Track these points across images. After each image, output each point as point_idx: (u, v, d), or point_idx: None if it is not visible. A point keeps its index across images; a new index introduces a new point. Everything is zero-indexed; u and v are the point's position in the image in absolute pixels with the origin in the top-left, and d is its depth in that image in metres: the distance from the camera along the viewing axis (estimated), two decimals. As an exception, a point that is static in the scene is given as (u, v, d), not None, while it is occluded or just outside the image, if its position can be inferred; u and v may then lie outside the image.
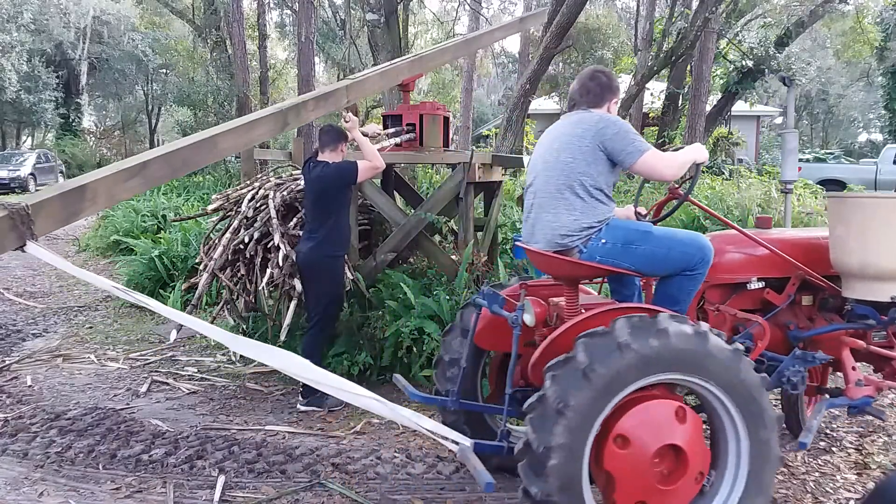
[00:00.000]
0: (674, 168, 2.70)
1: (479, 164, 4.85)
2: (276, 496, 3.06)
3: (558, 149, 2.70)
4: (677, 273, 2.70)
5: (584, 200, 2.64)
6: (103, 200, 2.45)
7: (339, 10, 18.93)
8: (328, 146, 4.15)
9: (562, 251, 2.68)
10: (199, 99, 14.98)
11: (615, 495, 2.30)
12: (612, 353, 2.23)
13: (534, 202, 2.80)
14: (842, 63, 27.54)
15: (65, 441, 3.61)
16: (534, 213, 2.80)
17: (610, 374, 2.22)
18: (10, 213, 2.07)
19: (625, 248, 2.63)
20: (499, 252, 5.64)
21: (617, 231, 2.66)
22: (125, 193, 2.54)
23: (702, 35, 12.05)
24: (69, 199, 2.30)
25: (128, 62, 32.80)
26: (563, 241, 2.66)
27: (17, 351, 5.37)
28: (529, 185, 2.86)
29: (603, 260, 2.63)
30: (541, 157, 2.81)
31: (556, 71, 20.25)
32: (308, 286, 4.21)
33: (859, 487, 3.17)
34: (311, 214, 4.16)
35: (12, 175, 20.86)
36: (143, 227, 9.42)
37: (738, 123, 21.06)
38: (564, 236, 2.66)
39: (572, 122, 2.73)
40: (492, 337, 2.95)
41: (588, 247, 2.64)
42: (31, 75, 27.22)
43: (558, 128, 2.81)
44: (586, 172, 2.63)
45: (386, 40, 10.82)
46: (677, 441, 2.30)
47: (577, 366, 2.24)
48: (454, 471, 3.33)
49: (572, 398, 2.20)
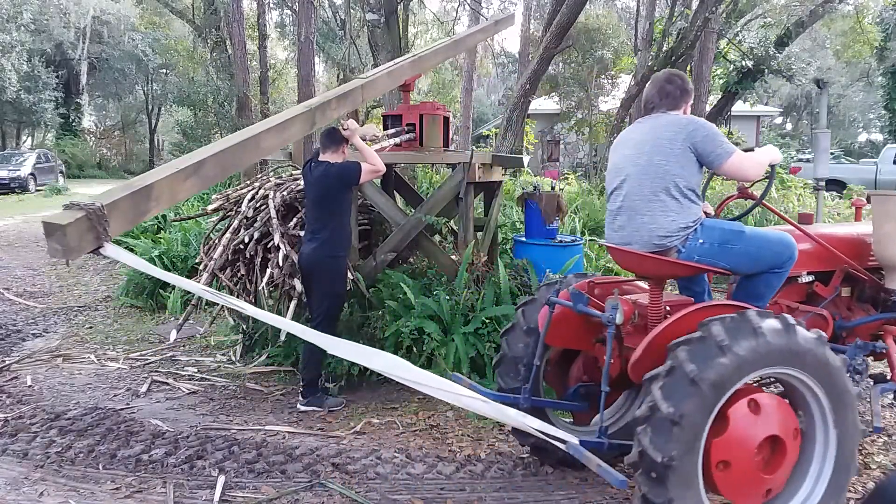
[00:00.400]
0: (757, 169, 2.79)
1: (479, 164, 4.85)
2: (276, 496, 3.06)
3: (649, 152, 2.77)
4: (765, 271, 2.82)
5: (679, 202, 2.73)
6: (166, 200, 2.43)
7: (339, 10, 18.92)
8: (330, 147, 4.15)
9: (660, 252, 2.75)
10: (199, 99, 14.95)
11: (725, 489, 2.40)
12: (715, 356, 2.31)
13: (623, 204, 2.86)
14: (842, 63, 27.53)
15: (65, 441, 3.61)
16: (624, 216, 2.86)
17: (716, 377, 2.30)
18: (88, 213, 2.03)
19: (721, 247, 2.73)
20: (499, 252, 5.64)
21: (713, 231, 2.75)
22: (184, 194, 2.51)
23: (702, 35, 12.05)
24: (138, 199, 2.27)
25: (128, 62, 32.81)
26: (661, 242, 2.74)
27: (17, 351, 5.37)
28: (616, 188, 2.92)
29: (701, 259, 2.74)
30: (627, 159, 2.86)
31: (556, 71, 20.22)
32: (311, 286, 4.21)
33: (859, 487, 3.17)
34: (313, 215, 4.16)
35: (12, 175, 20.85)
36: (143, 227, 9.40)
37: (738, 123, 21.06)
38: (663, 237, 2.74)
39: (661, 125, 2.80)
40: (563, 334, 3.03)
41: (686, 247, 2.74)
42: (31, 75, 27.23)
43: (643, 131, 2.87)
44: (679, 174, 2.72)
45: (386, 40, 10.82)
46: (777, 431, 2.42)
47: (683, 374, 2.31)
48: (454, 471, 3.33)
49: (684, 406, 2.27)
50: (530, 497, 3.10)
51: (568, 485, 3.20)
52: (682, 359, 2.33)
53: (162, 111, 36.63)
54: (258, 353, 4.96)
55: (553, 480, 3.25)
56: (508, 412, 2.31)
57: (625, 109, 14.28)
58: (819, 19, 15.20)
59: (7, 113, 28.48)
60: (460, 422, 3.92)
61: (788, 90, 32.47)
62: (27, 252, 10.42)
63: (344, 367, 4.41)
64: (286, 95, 24.16)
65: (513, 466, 3.37)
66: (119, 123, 38.90)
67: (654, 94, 2.90)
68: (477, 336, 4.35)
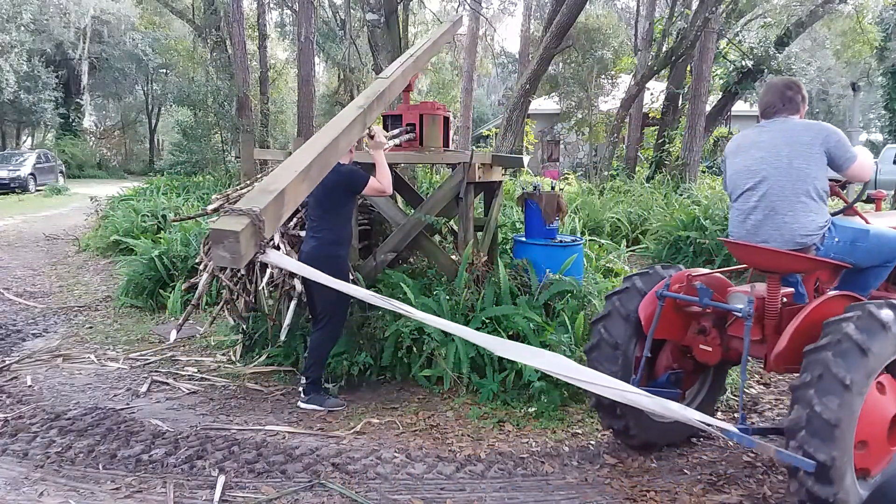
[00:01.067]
0: (871, 171, 3.08)
1: (479, 164, 4.85)
2: (276, 496, 3.06)
3: (789, 155, 2.99)
4: (878, 264, 3.11)
5: (817, 202, 2.98)
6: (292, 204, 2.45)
7: (339, 10, 18.92)
8: None
9: (800, 249, 2.98)
10: (199, 99, 14.93)
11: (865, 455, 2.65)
12: (880, 332, 2.56)
13: (759, 204, 3.07)
14: (842, 63, 27.51)
15: (65, 441, 3.61)
16: (760, 215, 3.07)
17: (879, 349, 2.55)
18: (252, 219, 2.04)
19: (852, 245, 3.01)
20: (499, 252, 5.65)
21: (845, 231, 3.02)
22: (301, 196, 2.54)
23: (702, 35, 12.04)
24: (278, 203, 2.28)
25: (128, 62, 32.83)
26: (802, 241, 2.97)
27: (17, 351, 5.37)
28: (749, 189, 3.11)
29: (836, 256, 3.00)
30: (763, 161, 3.07)
31: (556, 71, 20.23)
32: (314, 286, 4.17)
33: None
34: (316, 213, 4.14)
35: (12, 175, 20.85)
36: (143, 227, 9.41)
37: (738, 123, 21.07)
38: (805, 236, 2.97)
39: (795, 130, 3.03)
40: (666, 326, 3.25)
41: (824, 244, 2.99)
42: (31, 75, 27.23)
43: (773, 134, 3.08)
44: (817, 177, 2.97)
45: (386, 40, 10.81)
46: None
47: (853, 344, 2.53)
48: (454, 471, 3.33)
49: (854, 372, 2.49)
50: (530, 497, 3.10)
51: (568, 485, 3.20)
52: (851, 330, 2.54)
53: (162, 111, 36.65)
54: (258, 353, 4.96)
55: (553, 480, 3.25)
56: (671, 406, 2.44)
57: (625, 109, 14.29)
58: (819, 19, 15.19)
59: (7, 113, 28.48)
60: (460, 422, 3.93)
61: (788, 90, 32.33)
62: (27, 252, 10.43)
63: (344, 367, 4.41)
64: (286, 95, 24.15)
65: (513, 466, 3.37)
66: (119, 123, 38.92)
67: (775, 99, 3.12)
68: (477, 336, 4.34)
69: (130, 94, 36.89)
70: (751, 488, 3.16)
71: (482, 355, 4.30)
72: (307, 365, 4.20)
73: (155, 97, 35.99)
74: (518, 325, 4.31)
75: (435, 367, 4.39)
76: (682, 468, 3.38)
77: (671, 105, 15.94)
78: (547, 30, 10.42)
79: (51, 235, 12.01)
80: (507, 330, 4.34)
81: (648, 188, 12.29)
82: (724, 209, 8.77)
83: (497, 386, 4.20)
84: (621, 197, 11.55)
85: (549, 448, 3.59)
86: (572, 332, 4.40)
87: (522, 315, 4.35)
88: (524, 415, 3.99)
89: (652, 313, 3.19)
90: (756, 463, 3.43)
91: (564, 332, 4.32)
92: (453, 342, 4.30)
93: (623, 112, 14.30)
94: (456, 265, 4.85)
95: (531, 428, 3.84)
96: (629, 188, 12.61)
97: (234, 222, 2.01)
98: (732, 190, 3.25)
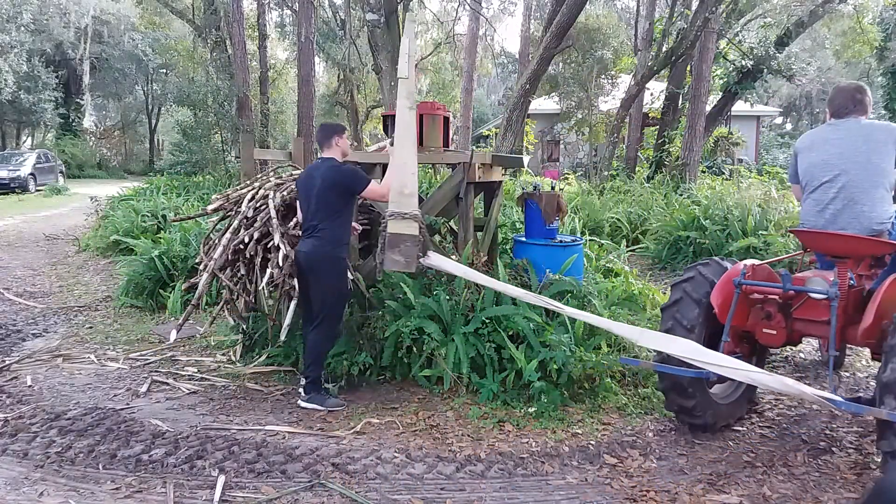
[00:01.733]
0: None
1: (479, 164, 4.85)
2: (276, 496, 3.06)
3: (867, 151, 3.39)
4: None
5: (889, 194, 3.42)
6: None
7: (339, 10, 18.92)
8: (325, 142, 4.17)
9: (875, 235, 3.40)
10: (199, 99, 14.93)
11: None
12: None
13: (838, 195, 3.45)
14: (842, 63, 27.50)
15: (65, 441, 3.61)
16: (839, 204, 3.45)
17: None
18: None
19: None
20: (499, 252, 5.65)
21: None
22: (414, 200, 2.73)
23: (702, 35, 12.04)
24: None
25: (128, 62, 32.85)
26: (878, 228, 3.41)
27: (17, 351, 5.37)
28: (828, 182, 3.48)
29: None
30: (842, 156, 3.45)
31: (556, 71, 20.21)
32: (312, 285, 4.17)
33: (859, 487, 3.17)
34: (317, 213, 4.10)
35: (12, 175, 20.85)
36: (143, 227, 9.41)
37: (738, 123, 21.07)
38: (881, 223, 3.40)
39: (871, 129, 3.45)
40: (737, 313, 3.51)
41: (894, 230, 3.46)
42: (31, 75, 27.23)
43: (848, 132, 3.48)
44: (890, 171, 3.40)
45: (386, 40, 10.82)
46: None
47: None
48: (454, 471, 3.33)
49: None
50: (530, 497, 3.10)
51: (568, 485, 3.20)
52: None
53: (162, 111, 36.65)
54: (258, 353, 4.96)
55: (553, 480, 3.25)
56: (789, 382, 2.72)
57: (625, 109, 14.28)
58: (819, 19, 15.19)
59: (7, 113, 28.49)
60: (460, 422, 3.93)
61: (788, 90, 32.45)
62: (27, 252, 10.43)
63: (344, 367, 4.41)
64: (286, 95, 24.14)
65: (513, 466, 3.37)
66: (119, 123, 38.92)
67: (847, 102, 3.52)
68: (477, 336, 4.34)
69: (130, 94, 36.91)
70: (751, 488, 3.16)
71: (482, 355, 4.30)
72: (306, 364, 4.20)
73: (155, 97, 36.00)
74: (518, 325, 4.31)
75: (435, 367, 4.39)
76: (682, 468, 3.38)
77: (671, 105, 15.93)
78: (547, 30, 10.42)
79: (51, 235, 12.02)
80: (506, 330, 4.34)
81: (648, 188, 12.29)
82: (724, 209, 8.77)
83: (497, 386, 4.20)
84: (621, 197, 11.55)
85: (549, 448, 3.59)
86: (572, 332, 4.40)
87: (522, 315, 4.35)
88: (524, 415, 3.99)
89: (726, 301, 3.47)
90: (756, 463, 3.43)
91: (564, 332, 4.31)
92: (453, 342, 4.30)
93: (623, 112, 14.29)
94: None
95: (531, 428, 3.84)
96: (629, 188, 12.61)
97: (406, 226, 2.08)
98: (808, 182, 3.59)
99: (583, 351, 4.26)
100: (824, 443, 3.69)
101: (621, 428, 3.87)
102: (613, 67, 19.68)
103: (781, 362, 5.11)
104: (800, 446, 3.64)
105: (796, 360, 5.18)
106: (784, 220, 8.19)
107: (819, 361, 5.09)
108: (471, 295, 4.61)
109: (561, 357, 4.05)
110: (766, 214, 8.46)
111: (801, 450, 3.59)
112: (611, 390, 4.26)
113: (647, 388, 4.39)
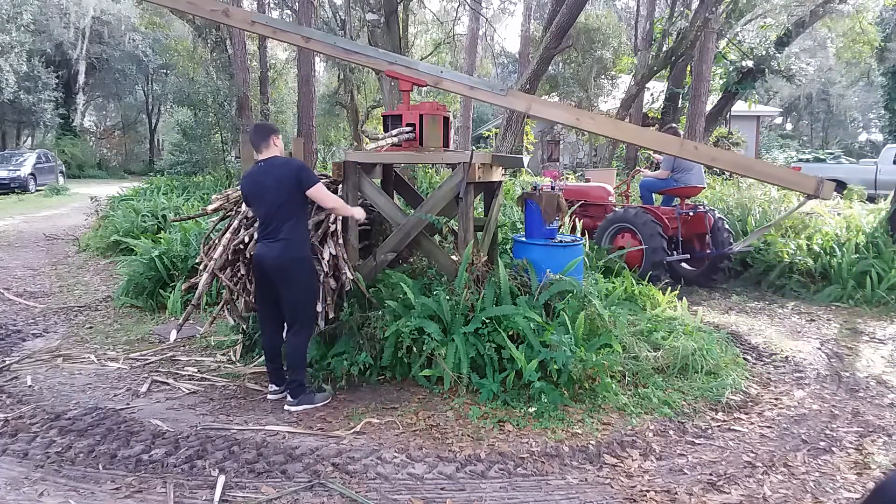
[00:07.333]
0: None
1: (479, 164, 4.85)
2: (276, 496, 3.06)
3: None
4: None
5: None
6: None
7: (339, 10, 18.91)
8: (263, 142, 4.07)
9: None
10: (199, 99, 14.94)
11: None
12: None
13: None
14: (842, 63, 27.50)
15: (65, 441, 3.61)
16: None
17: None
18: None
19: None
20: (499, 252, 5.64)
21: None
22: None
23: (702, 35, 12.05)
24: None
25: (128, 62, 32.87)
26: None
27: (17, 351, 5.37)
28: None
29: None
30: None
31: (556, 71, 20.23)
32: (283, 289, 4.06)
33: (859, 487, 3.17)
34: (273, 212, 3.99)
35: (12, 175, 20.87)
36: (143, 227, 9.42)
37: (738, 123, 21.07)
38: None
39: None
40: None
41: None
42: (31, 75, 27.24)
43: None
44: None
45: (386, 40, 10.82)
46: None
47: None
48: (455, 471, 3.33)
49: None
50: (530, 497, 3.10)
51: (568, 485, 3.20)
52: None
53: (162, 111, 36.66)
54: (258, 353, 4.96)
55: (553, 480, 3.25)
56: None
57: (625, 109, 14.29)
58: (819, 19, 15.19)
59: (7, 113, 28.50)
60: (460, 422, 3.93)
61: (788, 90, 32.43)
62: (27, 252, 10.43)
63: (344, 367, 4.41)
64: (286, 95, 24.13)
65: (513, 466, 3.37)
66: (119, 123, 38.94)
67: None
68: (477, 336, 4.34)
69: (131, 94, 36.92)
70: (751, 488, 3.16)
71: (482, 355, 4.30)
72: (291, 368, 4.16)
73: (155, 97, 36.03)
74: (518, 325, 4.31)
75: (435, 367, 4.39)
76: (682, 468, 3.38)
77: (671, 105, 15.94)
78: (547, 30, 10.42)
79: (51, 235, 12.02)
80: (506, 330, 4.34)
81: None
82: (724, 209, 8.77)
83: (497, 386, 4.20)
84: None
85: (549, 448, 3.59)
86: (572, 332, 4.39)
87: (523, 315, 4.35)
88: (524, 415, 3.99)
89: None
90: (756, 463, 3.43)
91: (565, 332, 4.31)
92: (453, 342, 4.30)
93: (623, 112, 14.29)
94: (456, 265, 4.84)
95: (531, 428, 3.84)
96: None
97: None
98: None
99: (583, 351, 4.26)
100: (824, 443, 3.69)
101: (621, 428, 3.87)
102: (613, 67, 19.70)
103: (781, 362, 5.11)
104: (800, 446, 3.64)
105: (796, 359, 5.18)
106: (784, 221, 8.19)
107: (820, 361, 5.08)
108: (471, 295, 4.61)
109: (561, 357, 4.05)
110: (766, 214, 8.47)
111: (801, 450, 3.59)
112: (611, 390, 4.25)
113: (646, 388, 4.39)
